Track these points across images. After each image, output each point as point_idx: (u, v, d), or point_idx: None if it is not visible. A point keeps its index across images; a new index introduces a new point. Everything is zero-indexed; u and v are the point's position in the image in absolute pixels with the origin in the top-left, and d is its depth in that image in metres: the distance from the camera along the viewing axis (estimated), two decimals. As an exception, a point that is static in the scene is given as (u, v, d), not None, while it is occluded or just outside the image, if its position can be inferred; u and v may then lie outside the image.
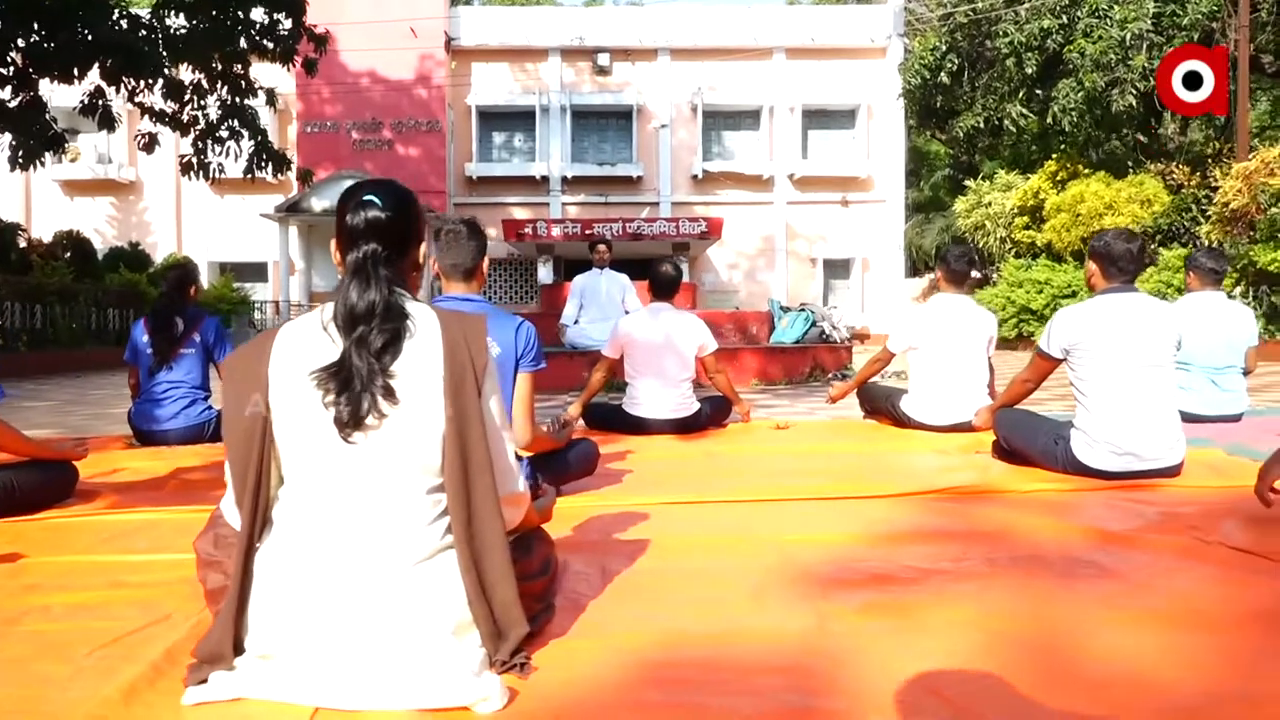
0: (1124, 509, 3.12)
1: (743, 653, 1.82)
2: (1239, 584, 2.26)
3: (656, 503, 3.34)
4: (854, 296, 24.90)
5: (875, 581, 2.31)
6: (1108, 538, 2.73)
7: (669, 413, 5.25)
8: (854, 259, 24.99)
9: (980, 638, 1.89)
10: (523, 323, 3.19)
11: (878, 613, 2.06)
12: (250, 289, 23.69)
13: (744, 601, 2.16)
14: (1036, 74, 17.64)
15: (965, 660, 1.76)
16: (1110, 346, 3.61)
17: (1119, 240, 3.71)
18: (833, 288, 25.41)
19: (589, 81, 25.40)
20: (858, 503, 3.33)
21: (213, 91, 12.68)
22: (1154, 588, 2.23)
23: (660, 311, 5.33)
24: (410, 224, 1.88)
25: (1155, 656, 1.78)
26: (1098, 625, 1.97)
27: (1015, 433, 4.03)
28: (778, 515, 3.15)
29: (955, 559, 2.53)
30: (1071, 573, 2.37)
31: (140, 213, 25.00)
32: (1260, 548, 2.54)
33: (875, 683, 1.66)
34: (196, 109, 12.69)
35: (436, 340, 1.76)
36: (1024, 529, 2.87)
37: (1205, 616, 2.02)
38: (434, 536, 1.72)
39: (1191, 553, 2.55)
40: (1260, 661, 1.75)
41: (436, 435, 1.72)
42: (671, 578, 2.37)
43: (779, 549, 2.63)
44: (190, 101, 12.65)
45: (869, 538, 2.80)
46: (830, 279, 25.49)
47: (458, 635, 1.69)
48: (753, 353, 9.30)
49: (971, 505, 3.25)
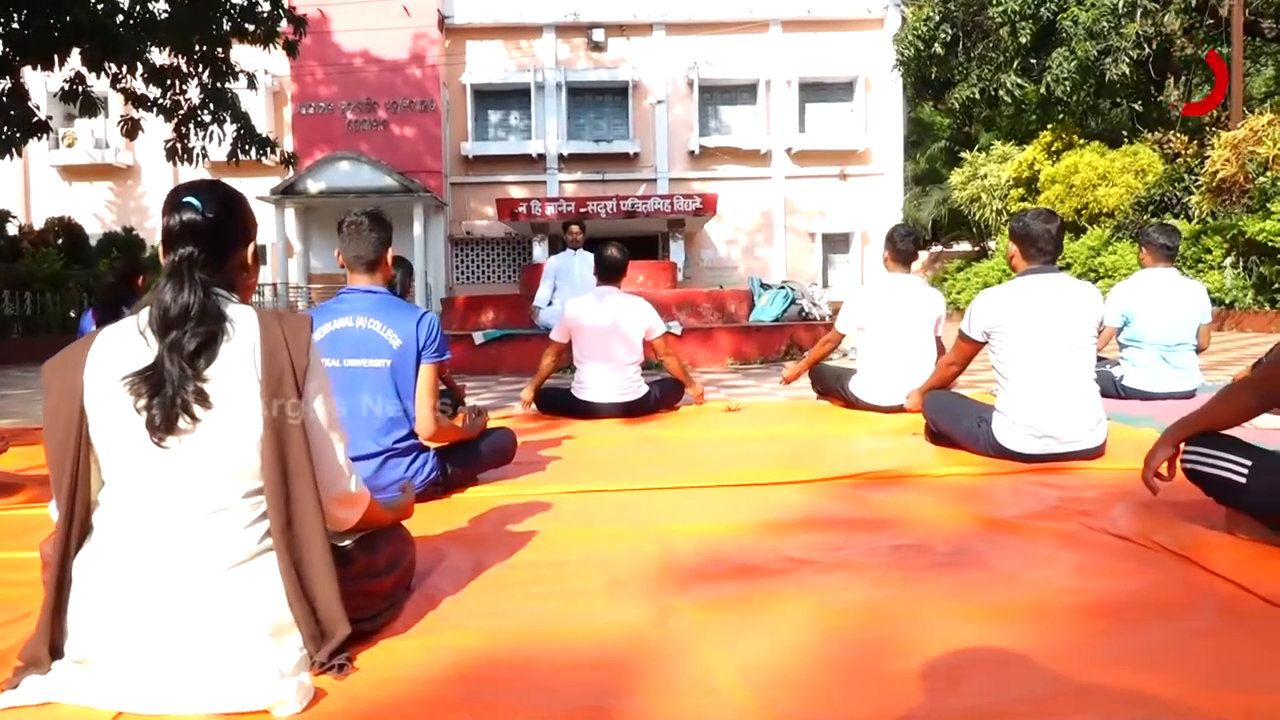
0: (1027, 494, 3.11)
1: (568, 649, 1.83)
2: (1104, 573, 2.25)
3: (565, 491, 3.35)
4: (853, 271, 24.77)
5: (739, 574, 2.31)
6: (995, 525, 2.72)
7: (616, 396, 5.25)
8: (853, 233, 24.84)
9: (809, 634, 1.88)
10: (425, 314, 3.18)
11: (722, 607, 2.06)
12: (248, 272, 23.71)
13: (598, 595, 2.16)
14: (1031, 43, 17.43)
15: (779, 658, 1.76)
16: (1029, 328, 3.59)
17: (1037, 221, 3.67)
18: (832, 262, 25.29)
19: (584, 58, 25.23)
20: (767, 489, 3.32)
21: (194, 76, 12.65)
22: (1018, 578, 2.22)
23: (606, 295, 5.32)
24: (233, 226, 1.87)
25: (979, 652, 1.78)
26: (938, 618, 1.96)
27: (941, 415, 4.01)
28: (680, 504, 3.14)
29: (835, 548, 2.53)
30: (942, 562, 2.37)
31: (138, 197, 25.05)
32: (1141, 534, 2.52)
33: (680, 682, 1.66)
34: (178, 93, 12.67)
35: (254, 342, 1.75)
36: (918, 516, 2.86)
37: (1052, 608, 2.01)
38: (252, 539, 1.73)
39: (1072, 540, 2.54)
40: (1078, 656, 1.74)
41: (253, 438, 1.72)
42: (540, 571, 2.38)
43: (662, 540, 2.63)
44: (172, 86, 12.63)
45: (759, 526, 2.80)
46: (829, 253, 25.36)
47: (276, 637, 1.70)
48: (727, 332, 9.27)
49: (879, 491, 3.24)
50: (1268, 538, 2.38)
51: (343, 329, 3.12)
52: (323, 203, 23.02)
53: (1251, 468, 2.38)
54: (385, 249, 3.23)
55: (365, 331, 3.11)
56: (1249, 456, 2.40)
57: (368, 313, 3.13)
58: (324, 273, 24.01)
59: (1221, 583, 2.13)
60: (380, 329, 3.11)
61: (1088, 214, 16.03)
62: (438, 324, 3.20)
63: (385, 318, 3.13)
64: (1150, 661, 1.72)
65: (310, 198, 22.58)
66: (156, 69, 12.43)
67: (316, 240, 23.88)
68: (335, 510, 1.91)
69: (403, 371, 3.12)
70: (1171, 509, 2.71)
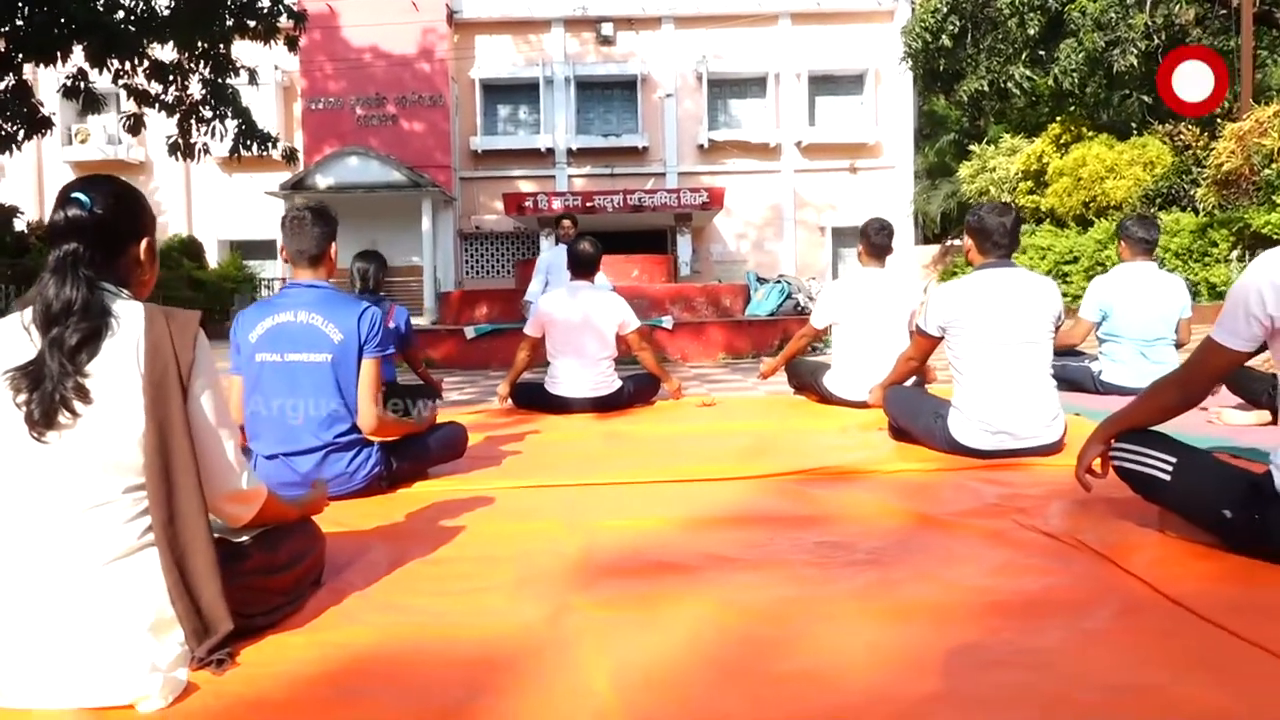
0: (970, 491, 3.08)
1: (453, 647, 1.82)
2: (1020, 571, 2.22)
3: (511, 486, 3.35)
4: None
5: (653, 570, 2.29)
6: (927, 522, 2.69)
7: (588, 391, 5.24)
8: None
9: (701, 633, 1.86)
10: (367, 309, 3.18)
11: (623, 605, 2.05)
12: (260, 267, 23.89)
13: (503, 592, 2.15)
14: (1039, 35, 17.26)
15: (660, 657, 1.74)
16: (984, 323, 3.55)
17: (992, 214, 3.63)
18: (842, 256, 25.15)
19: (593, 52, 25.17)
20: (713, 485, 3.30)
21: (195, 72, 12.70)
22: (931, 577, 2.20)
23: (579, 290, 5.31)
24: (123, 222, 1.87)
25: (863, 652, 1.76)
26: (837, 618, 1.94)
27: (900, 411, 3.98)
28: (622, 499, 3.14)
29: (759, 546, 2.51)
30: (860, 560, 2.34)
31: (151, 192, 25.16)
32: (1069, 532, 2.49)
33: (554, 681, 1.65)
34: (180, 89, 12.73)
35: (139, 338, 1.75)
36: (853, 513, 2.83)
37: (955, 607, 1.98)
38: (132, 534, 1.73)
39: (998, 538, 2.51)
40: (965, 656, 1.72)
41: (135, 434, 1.72)
42: (457, 566, 2.37)
43: (589, 536, 2.62)
44: (174, 82, 12.69)
45: (693, 522, 2.78)
46: (839, 247, 25.22)
47: (157, 633, 1.70)
48: (719, 326, 9.24)
49: (824, 487, 3.21)
50: (1196, 536, 2.35)
51: (284, 324, 3.12)
52: (332, 198, 23.06)
53: (1176, 465, 2.35)
54: (328, 244, 3.23)
55: (306, 326, 3.11)
56: (1174, 454, 2.37)
57: (309, 307, 3.13)
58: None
59: (1134, 582, 2.10)
60: (321, 324, 3.11)
61: (1095, 207, 15.88)
62: (380, 318, 3.20)
63: (326, 312, 3.12)
64: (1037, 661, 1.69)
65: (319, 193, 22.63)
66: (158, 65, 12.49)
67: (326, 235, 23.93)
68: (226, 507, 1.91)
69: (344, 366, 3.12)
70: (1108, 506, 2.67)
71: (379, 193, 22.65)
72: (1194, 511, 2.34)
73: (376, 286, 5.38)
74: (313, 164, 22.94)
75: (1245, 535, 2.22)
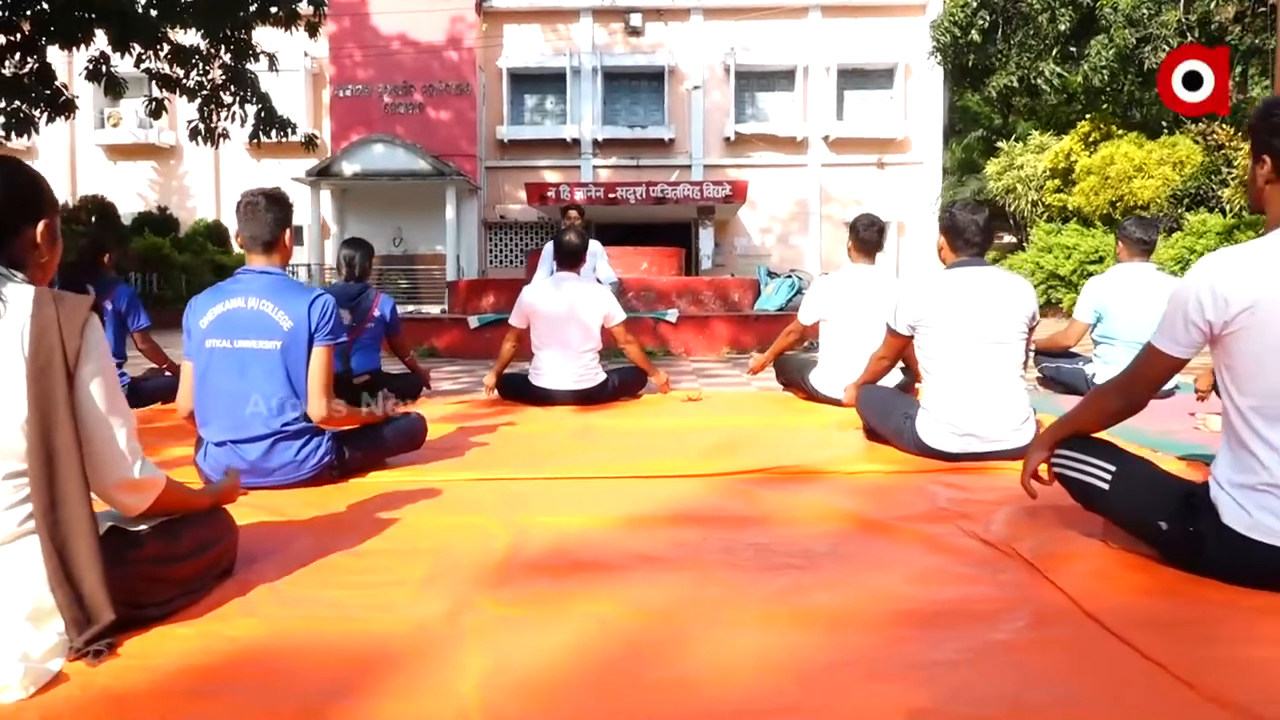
0: (924, 494, 3.01)
1: (337, 643, 1.79)
2: (944, 579, 2.16)
3: (465, 479, 3.33)
4: (888, 261, 24.39)
5: (572, 569, 2.25)
6: (868, 526, 2.63)
7: (571, 384, 5.20)
8: (889, 223, 24.44)
9: (593, 634, 1.82)
10: (319, 296, 3.15)
11: (527, 603, 2.01)
12: (285, 252, 24.03)
13: (410, 588, 2.11)
14: (1070, 30, 16.96)
15: (541, 659, 1.70)
16: (953, 323, 3.47)
17: (964, 212, 3.55)
18: (867, 252, 24.90)
19: (621, 42, 25.08)
20: (668, 481, 3.25)
21: (216, 57, 12.78)
22: (850, 583, 2.14)
23: (564, 281, 5.27)
24: (17, 205, 1.84)
25: (750, 657, 1.70)
26: (738, 622, 1.89)
27: (871, 411, 3.91)
28: (572, 494, 3.11)
29: (690, 545, 2.46)
30: (784, 564, 2.28)
31: (180, 177, 25.47)
32: (1007, 540, 2.42)
33: (423, 683, 1.61)
34: (201, 74, 12.82)
35: (25, 323, 1.73)
36: (796, 515, 2.77)
37: (863, 615, 1.92)
38: (11, 521, 1.71)
39: (933, 543, 2.44)
40: (857, 665, 1.66)
41: (17, 419, 1.70)
42: (375, 560, 2.35)
43: (522, 532, 2.58)
44: (195, 66, 12.77)
45: (632, 520, 2.74)
46: (865, 243, 24.96)
47: (35, 622, 1.68)
48: (725, 320, 9.16)
49: (778, 487, 3.15)
50: (1137, 548, 2.27)
51: (235, 310, 3.10)
52: (358, 185, 23.22)
53: (1115, 474, 2.27)
54: (282, 229, 3.20)
55: (257, 313, 3.09)
56: (1114, 462, 2.29)
57: (260, 294, 3.11)
58: (359, 254, 24.21)
59: (1055, 594, 2.03)
60: (272, 310, 3.09)
61: (1123, 206, 15.59)
62: (333, 306, 3.17)
63: (277, 299, 3.10)
64: (924, 675, 1.64)
65: (345, 180, 22.78)
66: (180, 49, 12.57)
67: (352, 222, 24.09)
68: (118, 496, 1.88)
69: (294, 354, 3.10)
70: (1055, 515, 2.60)
71: (404, 181, 22.74)
72: (1131, 522, 2.26)
73: (363, 274, 5.38)
74: (339, 151, 23.07)
75: (1180, 548, 2.14)
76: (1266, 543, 1.99)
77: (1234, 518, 2.03)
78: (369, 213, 24.05)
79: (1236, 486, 2.05)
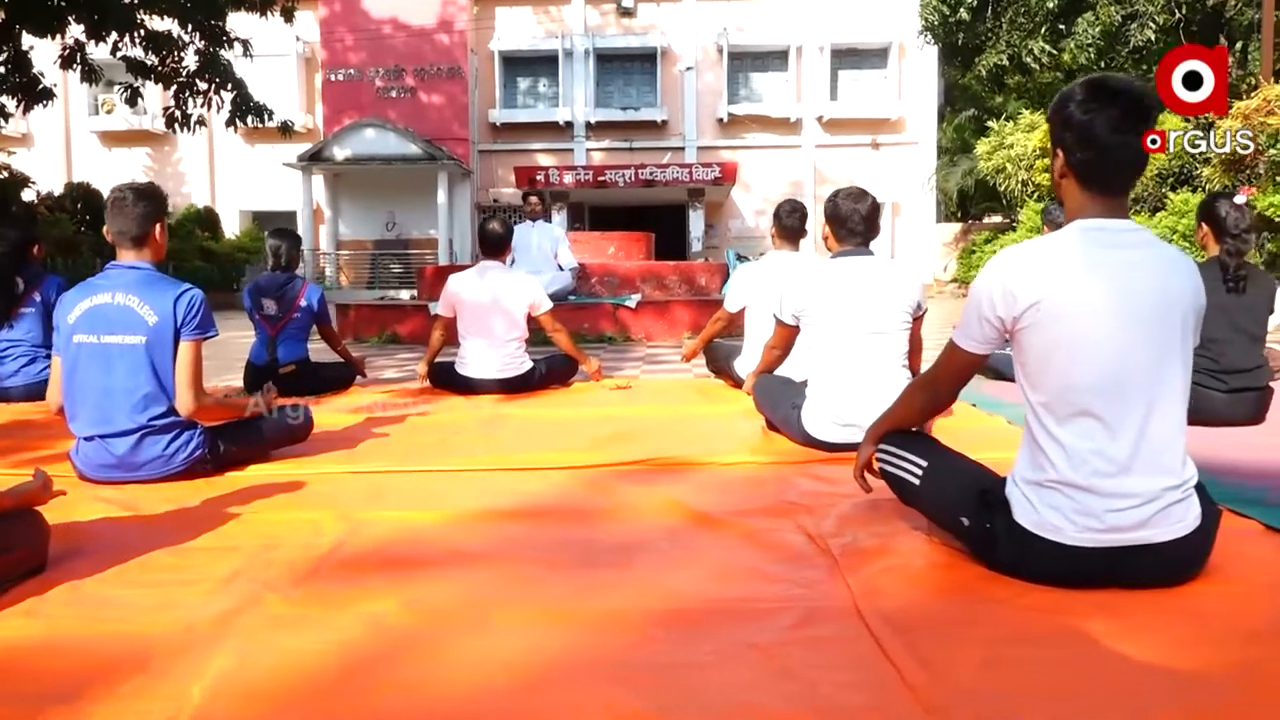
0: (783, 486, 3.00)
1: (99, 647, 1.79)
2: (745, 576, 2.15)
3: (341, 471, 3.34)
4: (884, 241, 24.25)
5: (380, 566, 2.25)
6: (701, 520, 2.62)
7: (495, 372, 5.20)
8: (884, 203, 24.30)
9: (356, 636, 1.82)
10: (185, 291, 3.15)
11: (311, 603, 2.02)
12: (279, 237, 24.08)
13: (208, 586, 2.11)
14: (1059, 7, 16.78)
15: (291, 660, 1.71)
16: (835, 312, 3.45)
17: (847, 200, 3.53)
18: (862, 233, 24.77)
19: (613, 24, 24.96)
20: (537, 473, 3.25)
21: (190, 44, 12.78)
22: (643, 580, 2.13)
23: (488, 270, 5.27)
24: None
25: (495, 661, 1.70)
26: (507, 621, 1.89)
27: (763, 401, 3.90)
28: (427, 487, 3.11)
29: (515, 541, 2.46)
30: (591, 560, 2.28)
31: (175, 163, 25.54)
32: (829, 535, 2.42)
33: (169, 686, 1.62)
34: (175, 61, 12.83)
35: None
36: (643, 509, 2.76)
37: (636, 613, 1.92)
38: None
39: (756, 539, 2.42)
40: (600, 665, 1.66)
41: None
42: (194, 557, 2.36)
43: (356, 527, 2.58)
44: (170, 53, 12.78)
45: (475, 514, 2.74)
46: (859, 224, 24.84)
47: None
48: (686, 305, 9.13)
49: (642, 480, 3.13)
50: (953, 543, 2.26)
51: (101, 305, 3.11)
52: (350, 169, 23.22)
53: (926, 468, 2.26)
54: (151, 224, 3.20)
55: (123, 308, 3.10)
56: (926, 457, 2.28)
57: (126, 289, 3.12)
58: (352, 239, 24.28)
59: (845, 593, 2.02)
60: (137, 305, 3.09)
61: (1109, 186, 15.44)
62: (200, 300, 3.17)
63: (143, 294, 3.11)
64: (664, 676, 1.63)
65: (337, 164, 22.78)
66: (154, 36, 12.58)
67: (345, 207, 24.13)
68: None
69: (159, 348, 3.10)
70: (895, 508, 2.57)
71: (395, 165, 22.72)
72: (939, 517, 2.25)
73: (290, 264, 5.38)
74: (330, 135, 23.06)
75: (980, 544, 2.13)
76: (1051, 539, 1.98)
77: (1023, 515, 2.02)
78: (362, 197, 24.07)
79: (1029, 483, 2.04)
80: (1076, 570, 1.99)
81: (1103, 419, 1.95)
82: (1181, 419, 2.00)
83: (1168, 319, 1.96)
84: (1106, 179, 2.00)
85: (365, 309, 10.11)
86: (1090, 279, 1.96)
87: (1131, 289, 1.95)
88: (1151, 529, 1.95)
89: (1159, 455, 1.96)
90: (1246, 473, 3.04)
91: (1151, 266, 1.98)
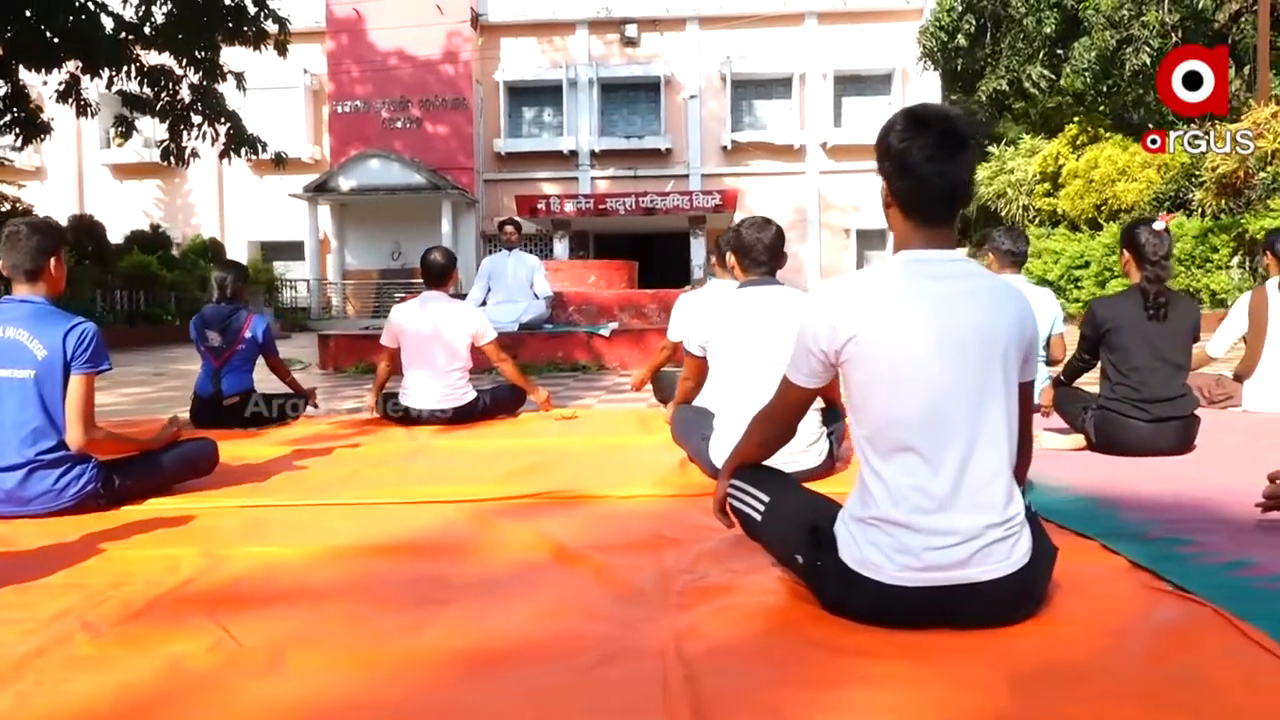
0: (663, 520, 2.94)
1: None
2: (566, 616, 2.09)
3: (236, 505, 3.33)
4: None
5: (214, 605, 2.21)
6: (561, 555, 2.57)
7: (437, 403, 5.18)
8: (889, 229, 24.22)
9: (142, 677, 1.79)
10: (76, 325, 3.15)
11: (125, 642, 1.98)
12: (286, 267, 24.33)
13: (25, 626, 2.08)
14: (1056, 33, 16.75)
15: (69, 707, 1.68)
16: (737, 342, 3.41)
17: (750, 230, 3.50)
18: (867, 259, 24.77)
19: (617, 54, 25.17)
20: (435, 507, 3.22)
21: (184, 78, 12.96)
22: (471, 619, 2.08)
23: (429, 301, 5.26)
24: None
25: (273, 704, 1.67)
26: (310, 665, 1.85)
27: (677, 432, 3.86)
28: (309, 521, 3.08)
29: (374, 577, 2.44)
30: (441, 599, 2.23)
31: (185, 194, 25.88)
32: (683, 571, 2.37)
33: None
34: (170, 95, 13.00)
35: None
36: (512, 544, 2.72)
37: (428, 655, 1.87)
38: None
39: (605, 575, 2.37)
40: (344, 716, 1.62)
41: None
42: (37, 595, 2.33)
43: (212, 564, 2.54)
44: (165, 87, 12.96)
45: (346, 550, 2.70)
46: (864, 250, 24.86)
47: None
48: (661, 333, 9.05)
49: (533, 514, 3.08)
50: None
51: (-8, 340, 3.12)
52: (355, 200, 23.44)
53: (768, 504, 2.21)
54: (46, 258, 3.21)
55: (12, 342, 3.10)
56: (769, 492, 2.23)
57: (17, 323, 3.12)
58: (358, 268, 24.47)
59: (665, 632, 1.96)
60: (27, 339, 3.10)
61: (1107, 210, 15.34)
62: (91, 334, 3.17)
63: (33, 328, 3.11)
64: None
65: (342, 195, 23.00)
66: (149, 70, 12.76)
67: (351, 237, 24.34)
68: None
69: (49, 382, 3.10)
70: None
71: (400, 195, 22.91)
72: (780, 553, 2.20)
73: (235, 295, 5.39)
74: (335, 166, 23.30)
75: (813, 582, 2.08)
76: (873, 578, 1.92)
77: (847, 552, 1.97)
78: (368, 227, 24.28)
79: (855, 520, 1.99)
80: (902, 610, 1.93)
81: (923, 454, 1.90)
82: (1007, 454, 1.95)
83: (989, 352, 1.92)
84: (925, 208, 1.97)
85: (344, 339, 10.14)
86: (908, 311, 1.92)
87: (951, 322, 1.91)
88: (972, 568, 1.89)
89: (980, 492, 1.90)
90: (1144, 506, 2.97)
91: (972, 299, 1.94)
